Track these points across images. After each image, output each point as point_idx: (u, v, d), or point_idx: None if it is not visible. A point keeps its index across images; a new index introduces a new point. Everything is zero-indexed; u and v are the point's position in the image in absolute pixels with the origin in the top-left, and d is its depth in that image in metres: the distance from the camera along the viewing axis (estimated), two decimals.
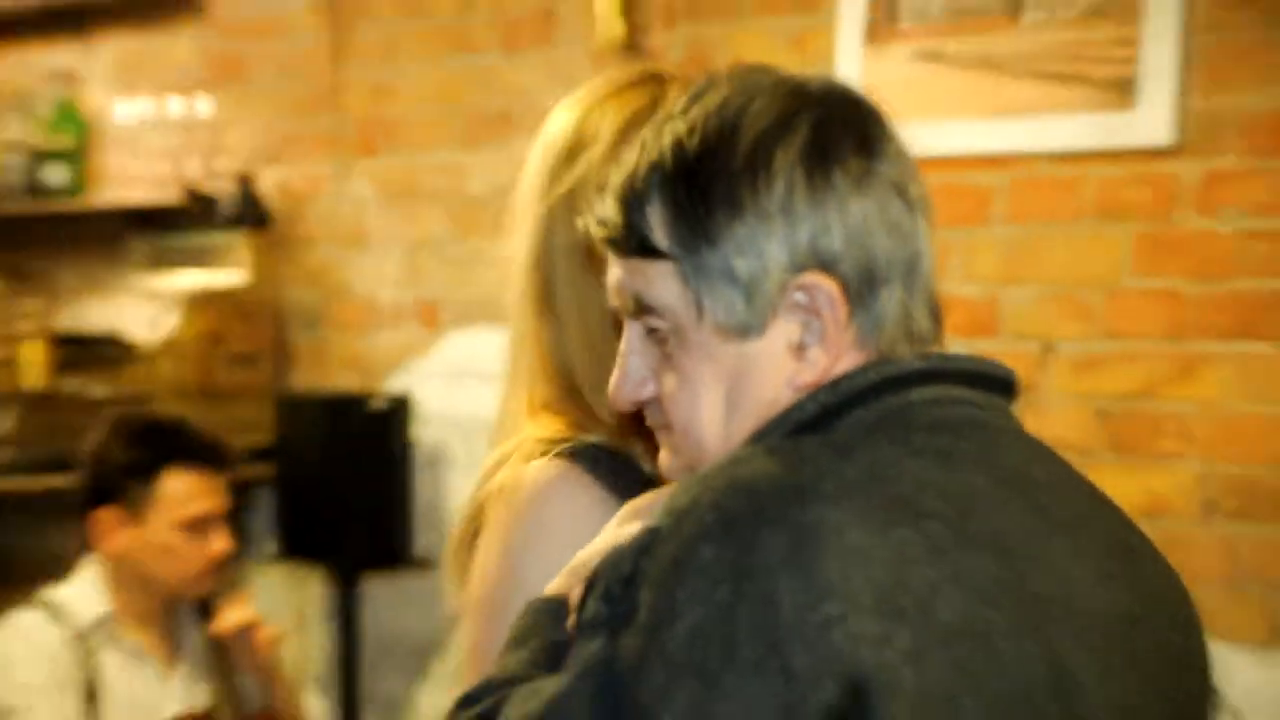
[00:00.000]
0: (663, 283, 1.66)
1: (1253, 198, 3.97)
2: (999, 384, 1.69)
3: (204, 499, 3.86)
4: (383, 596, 5.71)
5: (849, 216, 1.61)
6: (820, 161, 1.62)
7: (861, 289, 1.61)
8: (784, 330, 1.63)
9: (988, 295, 4.36)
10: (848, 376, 1.60)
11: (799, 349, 1.63)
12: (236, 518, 4.16)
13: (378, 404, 5.47)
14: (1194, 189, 4.05)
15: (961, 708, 1.43)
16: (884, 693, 1.39)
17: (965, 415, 1.61)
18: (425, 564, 5.50)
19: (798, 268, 1.61)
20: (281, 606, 5.82)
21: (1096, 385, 4.19)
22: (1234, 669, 3.94)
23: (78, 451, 3.91)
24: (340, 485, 5.35)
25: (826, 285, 1.60)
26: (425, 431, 5.61)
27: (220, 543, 3.86)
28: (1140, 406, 4.13)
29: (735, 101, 1.66)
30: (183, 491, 3.84)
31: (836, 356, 1.61)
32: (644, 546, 1.50)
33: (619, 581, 1.51)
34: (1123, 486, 4.07)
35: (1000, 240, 4.35)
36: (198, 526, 3.84)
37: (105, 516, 3.83)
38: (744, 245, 1.61)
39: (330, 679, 5.58)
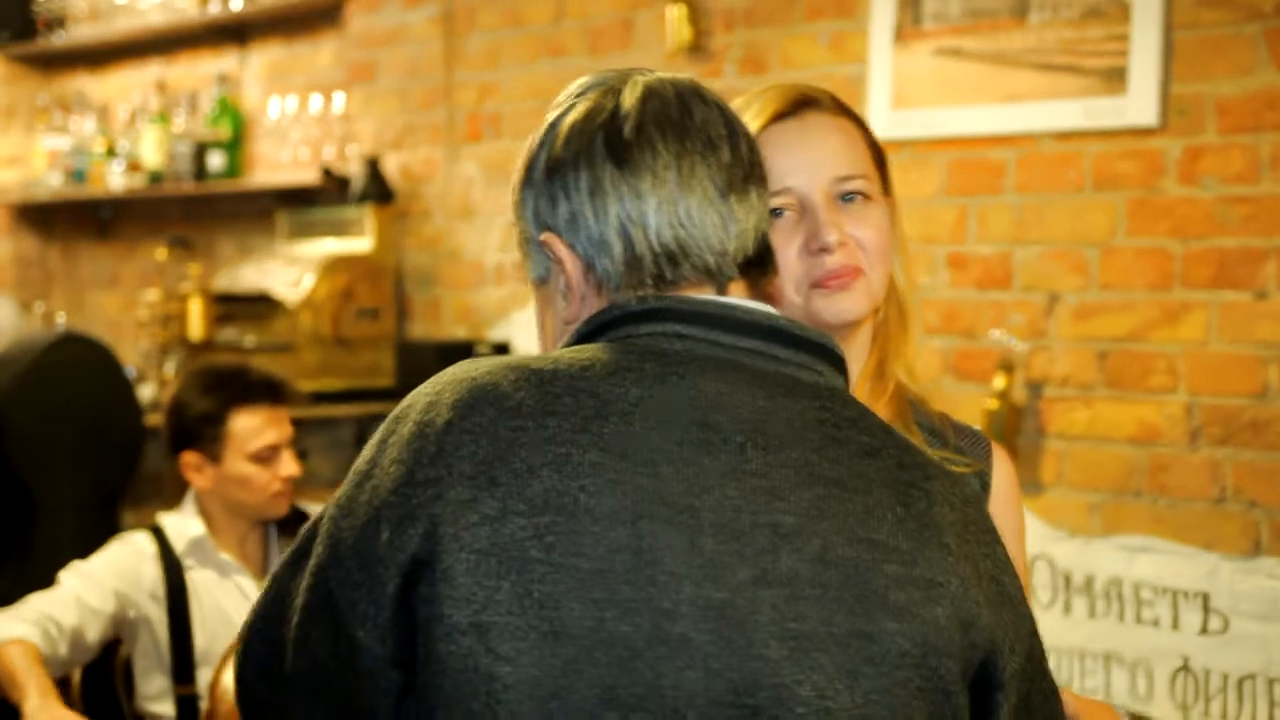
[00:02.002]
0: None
1: (1228, 169, 3.91)
2: (778, 335, 1.64)
3: (269, 431, 3.79)
4: None
5: (570, 191, 1.65)
6: (555, 145, 1.67)
7: (589, 247, 1.65)
8: (555, 278, 1.69)
9: (1001, 254, 4.31)
10: (596, 314, 1.64)
11: (563, 293, 1.68)
12: (361, 446, 4.10)
13: (484, 350, 5.44)
14: (1177, 162, 3.99)
15: (532, 567, 1.44)
16: (451, 543, 1.45)
17: (683, 348, 1.60)
18: None
19: (542, 228, 1.68)
20: None
21: (1095, 330, 4.12)
22: (1221, 576, 3.90)
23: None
24: None
25: (554, 242, 1.66)
26: None
27: (289, 467, 3.80)
28: (1133, 348, 4.06)
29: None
30: (249, 428, 3.77)
31: (583, 298, 1.66)
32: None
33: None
34: (1119, 417, 4.00)
35: (1011, 207, 4.29)
36: (267, 456, 3.78)
37: (190, 459, 3.79)
38: (520, 214, 1.71)
39: None
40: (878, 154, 2.15)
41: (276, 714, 1.63)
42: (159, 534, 3.76)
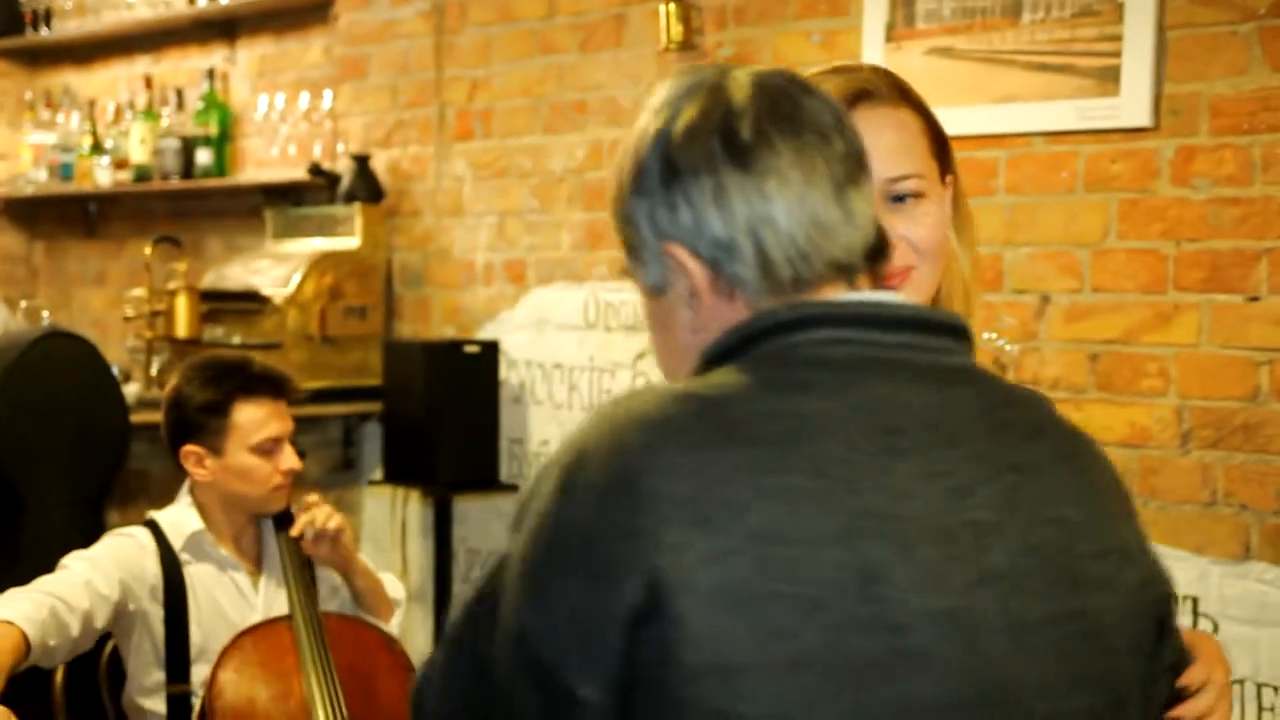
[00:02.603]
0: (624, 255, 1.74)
1: (1220, 170, 3.92)
2: (919, 324, 1.64)
3: (271, 424, 3.76)
4: (473, 515, 5.73)
5: (692, 197, 1.64)
6: (670, 151, 1.66)
7: (717, 254, 1.63)
8: (676, 288, 1.67)
9: (993, 255, 4.30)
10: (744, 324, 1.62)
11: (688, 302, 1.67)
12: (348, 447, 4.11)
13: (471, 350, 5.44)
14: (1170, 163, 4.00)
15: (763, 602, 1.43)
16: (678, 590, 1.42)
17: (847, 353, 1.59)
18: (510, 487, 5.52)
19: (662, 237, 1.66)
20: (386, 523, 5.86)
21: (1087, 332, 4.14)
22: (1211, 580, 3.92)
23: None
24: (438, 419, 5.31)
25: (678, 250, 1.65)
26: (512, 373, 5.61)
27: (289, 460, 3.79)
28: (1125, 350, 4.07)
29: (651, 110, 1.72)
30: (252, 421, 3.74)
31: (712, 306, 1.65)
32: (545, 468, 1.57)
33: (525, 496, 1.59)
34: (1110, 420, 4.01)
35: (1004, 208, 4.30)
36: (269, 449, 3.75)
37: (191, 451, 3.75)
38: (633, 226, 1.69)
39: (427, 586, 5.59)
40: (938, 138, 2.15)
41: None
42: (155, 529, 3.74)
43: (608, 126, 5.26)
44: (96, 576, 3.55)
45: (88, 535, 4.42)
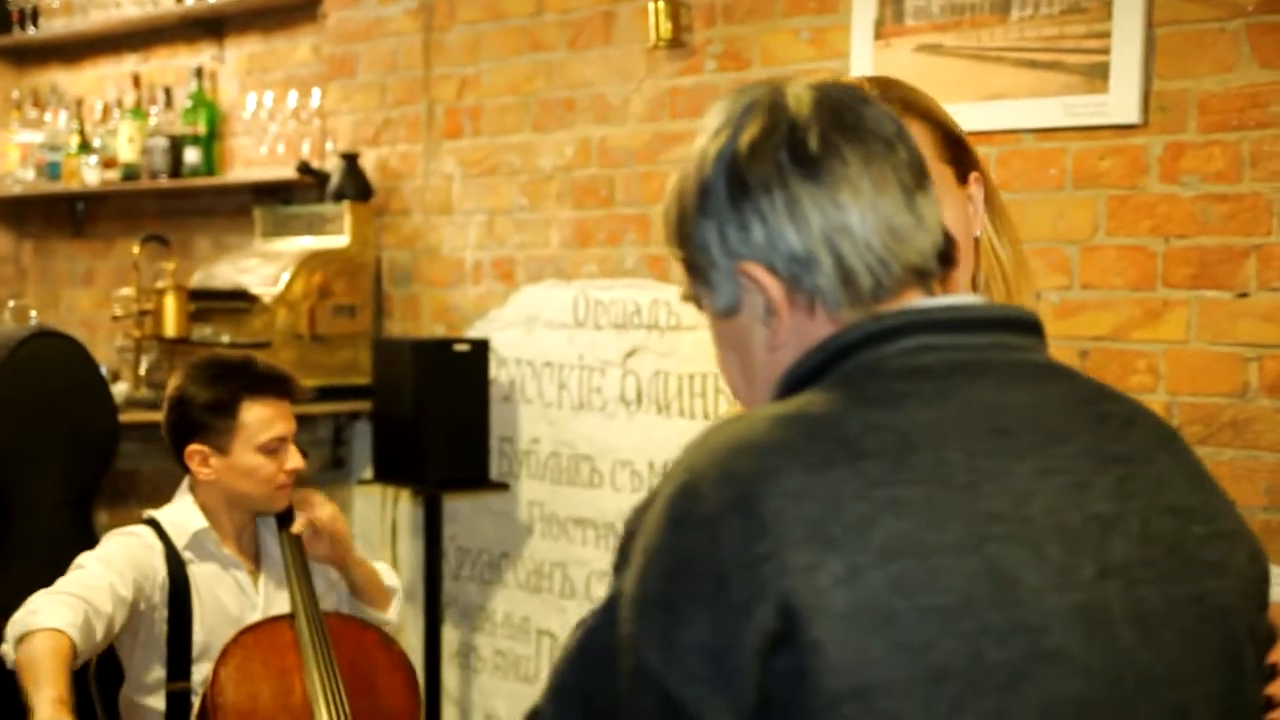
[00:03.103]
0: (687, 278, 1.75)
1: (1209, 167, 3.93)
2: (1001, 323, 1.66)
3: (277, 424, 3.77)
4: (463, 513, 5.74)
5: (765, 213, 1.64)
6: (737, 169, 1.66)
7: (794, 268, 1.64)
8: (750, 306, 1.67)
9: None
10: (832, 338, 1.62)
11: (764, 320, 1.67)
12: (337, 446, 4.12)
13: (461, 348, 5.44)
14: (1158, 160, 4.02)
15: (898, 617, 1.42)
16: (811, 614, 1.41)
17: (939, 359, 1.60)
18: (500, 485, 5.54)
19: (734, 257, 1.66)
20: (376, 522, 5.87)
21: (1076, 328, 4.14)
22: None
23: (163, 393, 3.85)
24: (428, 417, 5.32)
25: (753, 269, 1.64)
26: (501, 372, 5.62)
27: (294, 460, 3.79)
28: (1114, 347, 4.09)
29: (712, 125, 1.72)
30: (259, 420, 3.75)
31: (792, 322, 1.65)
32: (644, 503, 1.56)
33: (626, 535, 1.57)
34: None
35: None
36: (275, 448, 3.76)
37: (196, 450, 3.75)
38: (701, 248, 1.69)
39: (417, 584, 5.60)
40: (950, 143, 2.17)
41: None
42: (157, 528, 3.75)
43: (597, 124, 5.28)
44: (116, 579, 3.56)
45: (77, 535, 4.44)
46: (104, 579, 3.53)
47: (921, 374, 1.57)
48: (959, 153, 2.18)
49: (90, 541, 4.53)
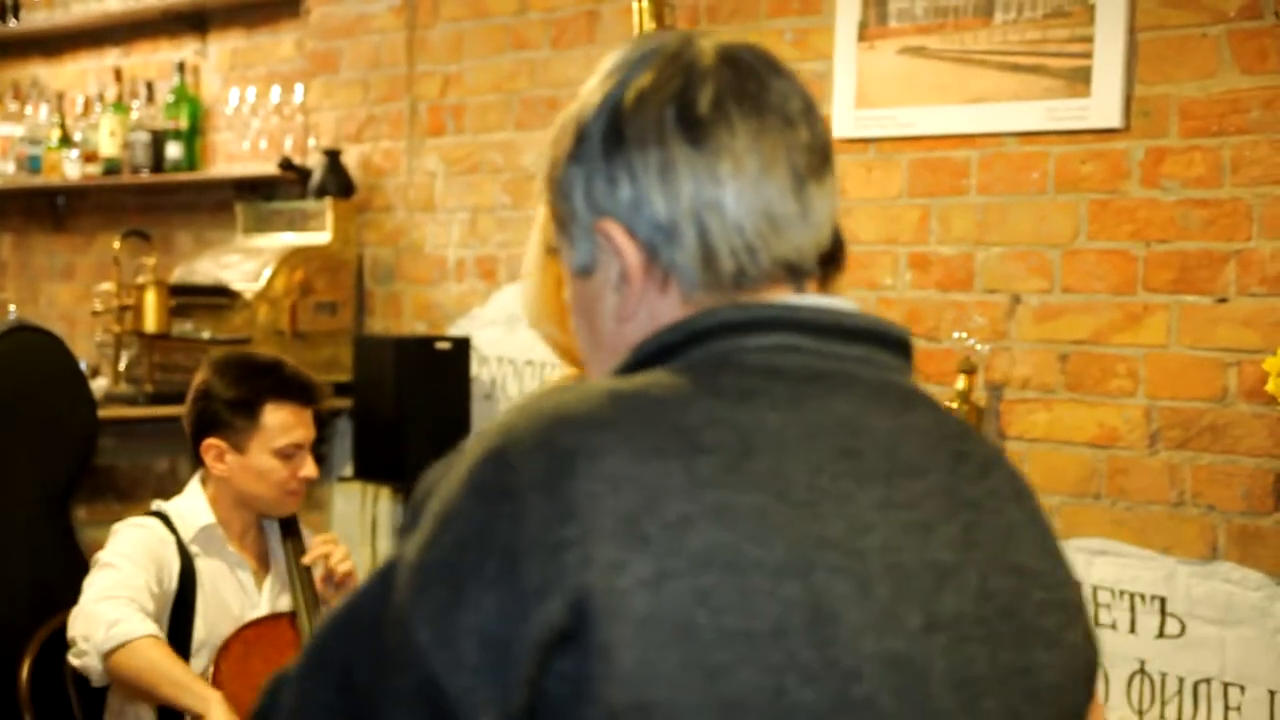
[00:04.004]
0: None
1: (1190, 172, 3.95)
2: (875, 337, 1.49)
3: (296, 430, 3.78)
4: None
5: (635, 171, 1.46)
6: (618, 119, 1.47)
7: (655, 237, 1.46)
8: (604, 269, 1.49)
9: (963, 255, 4.35)
10: (686, 321, 1.44)
11: (616, 286, 1.49)
12: (319, 444, 4.13)
13: (442, 346, 5.46)
14: (1140, 164, 4.04)
15: (699, 634, 1.26)
16: (605, 615, 1.25)
17: (800, 363, 1.43)
18: None
19: (596, 212, 1.48)
20: (356, 519, 5.87)
21: (1057, 332, 4.17)
22: (1178, 580, 3.95)
23: (189, 383, 3.85)
24: (409, 416, 5.33)
25: (612, 228, 1.47)
26: (483, 370, 5.63)
27: (309, 468, 3.80)
28: (1094, 350, 4.10)
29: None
30: (279, 424, 3.75)
31: (643, 294, 1.47)
32: (448, 462, 1.38)
33: (420, 494, 1.39)
34: (1079, 420, 4.05)
35: (974, 208, 4.33)
36: (290, 453, 3.77)
37: (213, 445, 3.76)
38: (566, 197, 1.51)
39: None
40: None
41: None
42: (165, 521, 3.76)
43: None
44: (148, 576, 3.61)
45: (54, 531, 4.44)
46: (140, 577, 3.58)
47: (778, 375, 1.41)
48: None
49: (68, 537, 4.55)
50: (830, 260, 1.52)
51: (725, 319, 1.43)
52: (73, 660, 3.52)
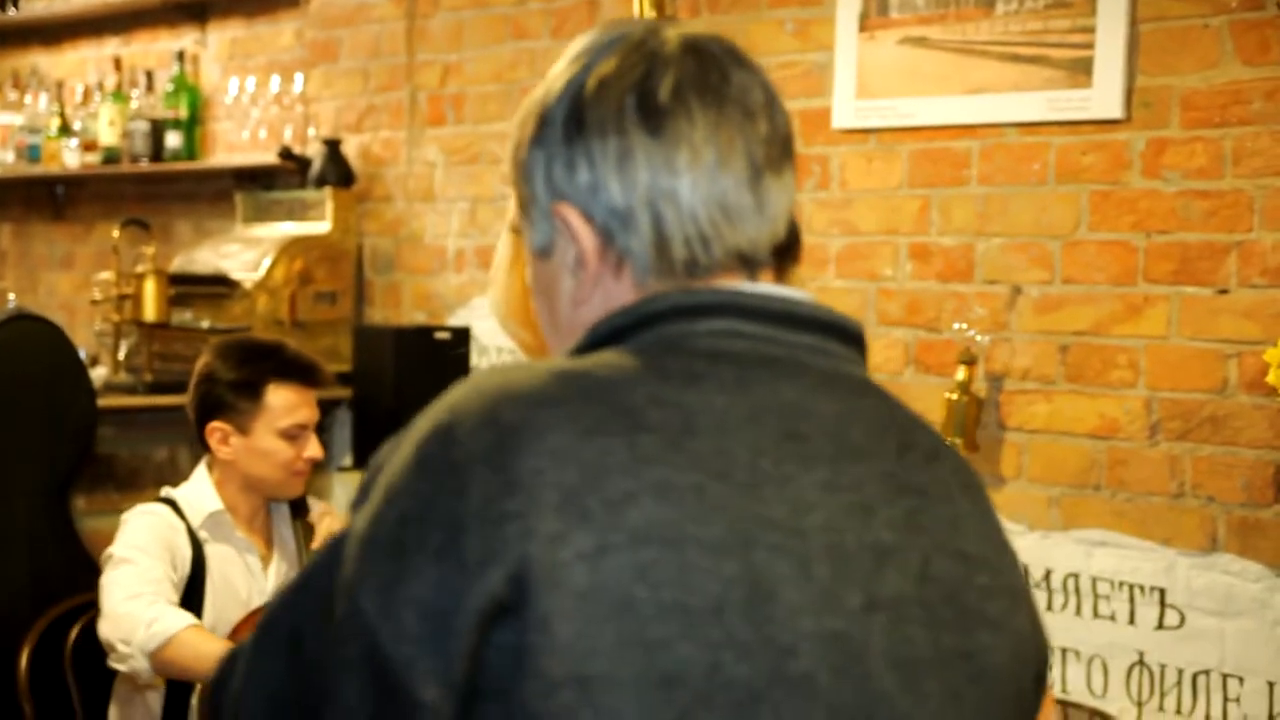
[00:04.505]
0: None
1: (1191, 163, 3.95)
2: (825, 327, 1.52)
3: (300, 411, 3.80)
4: None
5: (594, 157, 1.49)
6: (579, 104, 1.50)
7: (610, 222, 1.49)
8: (561, 252, 1.53)
9: (964, 245, 4.34)
10: (637, 305, 1.47)
11: (572, 270, 1.52)
12: (319, 432, 4.14)
13: (442, 336, 5.47)
14: (1141, 155, 4.04)
15: (638, 608, 1.28)
16: (545, 587, 1.27)
17: (748, 348, 1.46)
18: None
19: (555, 195, 1.52)
20: None
21: (1057, 323, 4.17)
22: (1178, 571, 3.96)
23: (189, 372, 3.87)
24: (408, 406, 5.12)
25: (569, 212, 1.51)
26: (482, 360, 5.62)
27: (313, 449, 3.81)
28: (1095, 342, 4.10)
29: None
30: (282, 405, 3.77)
31: (598, 279, 1.51)
32: (398, 438, 1.41)
33: (372, 469, 1.42)
34: (1080, 411, 4.05)
35: (975, 198, 4.33)
36: (294, 434, 3.78)
37: (217, 428, 3.77)
38: (528, 179, 1.55)
39: None
40: None
41: None
42: (175, 508, 3.78)
43: None
44: (165, 567, 3.63)
45: (54, 520, 4.44)
46: (158, 568, 3.61)
47: (723, 359, 1.44)
48: None
49: (67, 525, 4.55)
50: (785, 252, 1.55)
51: (675, 303, 1.46)
52: (116, 665, 3.54)
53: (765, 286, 1.51)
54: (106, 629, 3.54)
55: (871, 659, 1.37)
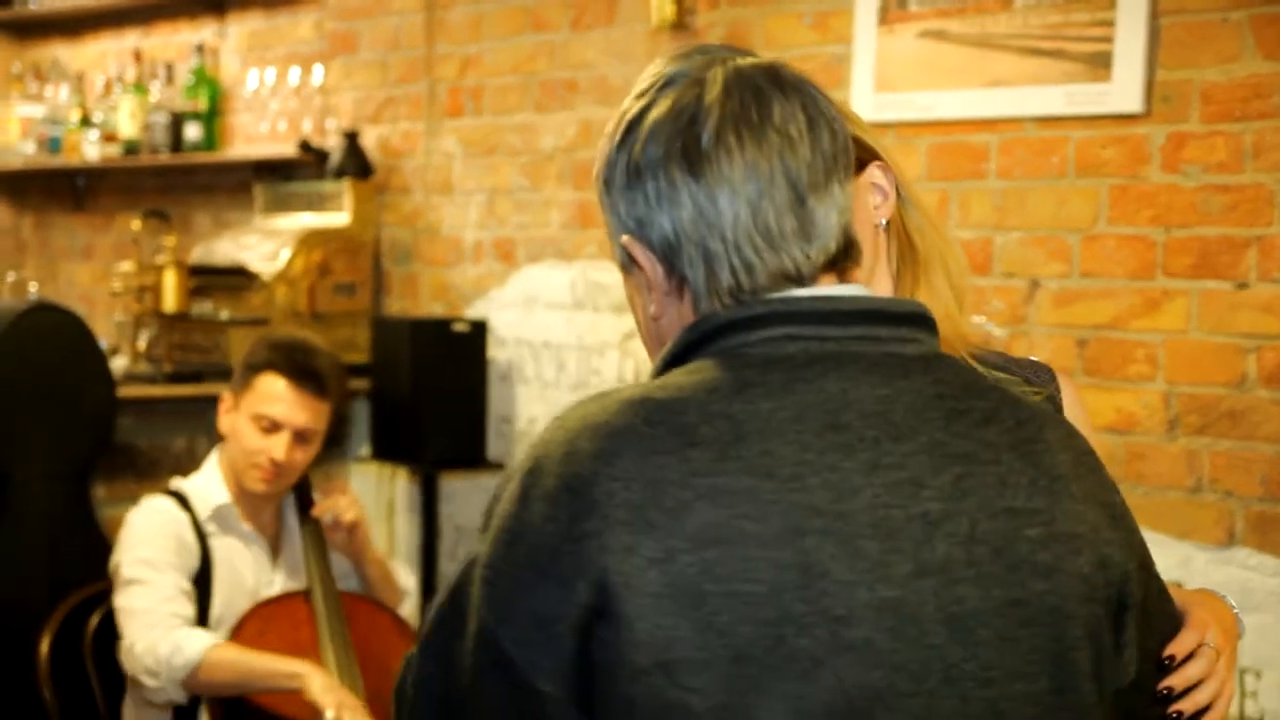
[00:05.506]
0: None
1: (1211, 157, 3.93)
2: (873, 316, 1.68)
3: (278, 405, 3.82)
4: (459, 492, 5.74)
5: (648, 196, 1.67)
6: (635, 146, 1.69)
7: (667, 252, 1.68)
8: (636, 272, 1.73)
9: (982, 239, 4.33)
10: (696, 323, 1.66)
11: (645, 289, 1.73)
12: (337, 426, 4.16)
13: (460, 328, 5.46)
14: (1160, 149, 4.01)
15: (706, 600, 1.49)
16: (626, 591, 1.49)
17: (800, 349, 1.63)
18: (497, 465, 5.52)
19: (623, 228, 1.71)
20: (373, 500, 5.87)
21: (1075, 317, 4.15)
22: (1195, 566, 3.94)
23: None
24: (426, 397, 5.33)
25: (632, 244, 1.70)
26: (500, 352, 5.62)
27: (278, 449, 3.80)
28: (1113, 336, 4.08)
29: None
30: (266, 392, 3.82)
31: (667, 296, 1.70)
32: (511, 470, 1.63)
33: (492, 499, 1.64)
34: (1097, 405, 4.03)
35: (994, 192, 4.31)
36: (267, 426, 3.80)
37: (226, 395, 3.89)
38: (606, 210, 1.74)
39: (413, 562, 5.59)
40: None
41: None
42: (182, 500, 3.80)
43: (598, 105, 5.27)
44: (175, 576, 3.69)
45: (73, 509, 4.45)
46: (169, 584, 3.66)
47: (776, 364, 1.61)
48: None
49: (87, 515, 4.55)
50: (840, 259, 1.69)
51: (728, 318, 1.64)
52: (151, 697, 3.60)
53: (811, 290, 1.66)
54: (129, 665, 3.59)
55: (925, 620, 1.54)
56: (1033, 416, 1.69)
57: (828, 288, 1.67)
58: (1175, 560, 3.94)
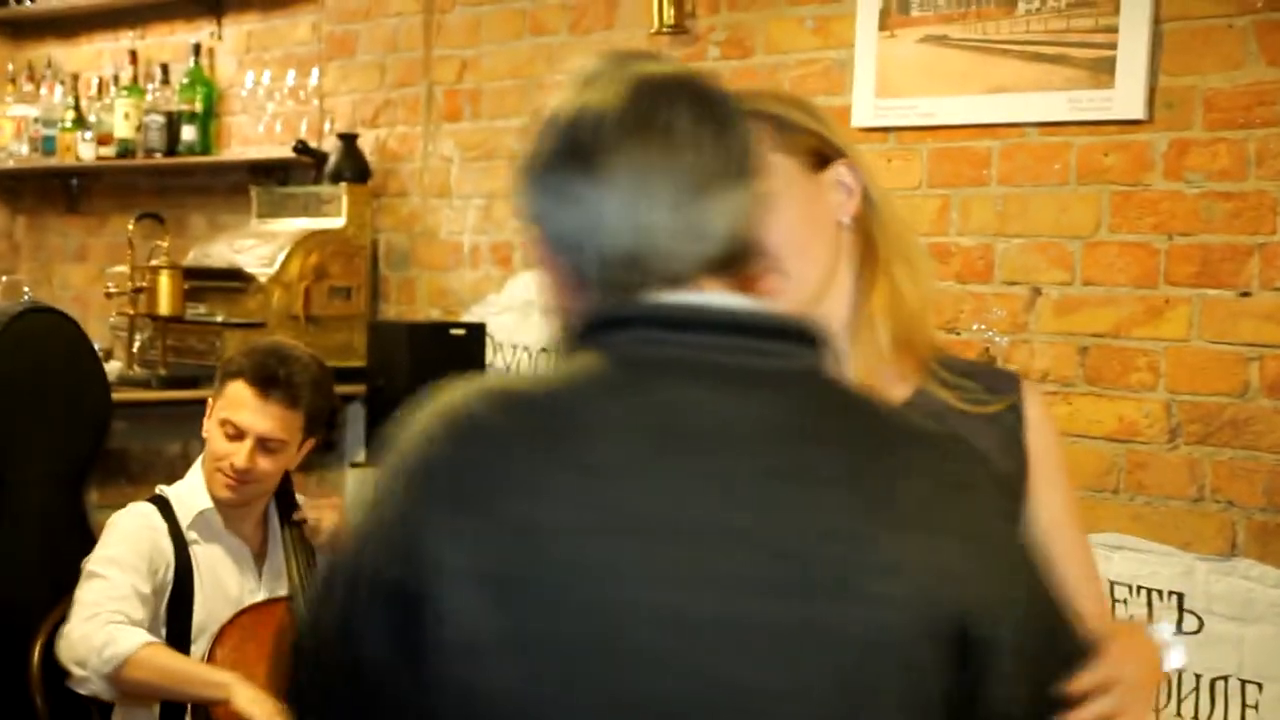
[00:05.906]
0: None
1: (1213, 164, 3.93)
2: (752, 329, 1.68)
3: (243, 412, 3.76)
4: None
5: (544, 189, 1.71)
6: (545, 140, 1.71)
7: (561, 247, 1.71)
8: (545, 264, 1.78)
9: (983, 246, 4.33)
10: (580, 319, 1.70)
11: (548, 282, 1.77)
12: (331, 430, 4.14)
13: (457, 332, 5.47)
14: (1163, 156, 4.02)
15: (502, 585, 1.54)
16: (437, 572, 1.55)
17: (656, 354, 1.65)
18: None
19: (530, 219, 1.75)
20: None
21: (1077, 325, 4.15)
22: (1196, 576, 3.94)
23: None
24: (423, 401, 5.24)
25: (533, 237, 1.74)
26: (497, 356, 5.62)
27: (240, 456, 3.76)
28: (1115, 344, 4.08)
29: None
30: (233, 398, 3.78)
31: (568, 290, 1.72)
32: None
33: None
34: (1099, 414, 4.03)
35: (995, 198, 4.31)
36: (232, 433, 3.77)
37: (210, 400, 3.86)
38: (519, 193, 1.77)
39: None
40: (789, 132, 2.16)
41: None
42: (164, 506, 3.78)
43: None
44: (135, 579, 3.65)
45: (67, 513, 4.43)
46: (125, 584, 3.61)
47: (631, 366, 1.64)
48: (801, 140, 2.17)
49: (81, 519, 4.54)
50: (730, 263, 1.69)
51: (601, 316, 1.68)
52: (77, 688, 3.55)
53: (685, 296, 1.67)
54: (62, 652, 3.56)
55: (706, 630, 1.54)
56: (898, 436, 1.69)
57: (699, 294, 1.67)
58: (1177, 571, 3.93)
